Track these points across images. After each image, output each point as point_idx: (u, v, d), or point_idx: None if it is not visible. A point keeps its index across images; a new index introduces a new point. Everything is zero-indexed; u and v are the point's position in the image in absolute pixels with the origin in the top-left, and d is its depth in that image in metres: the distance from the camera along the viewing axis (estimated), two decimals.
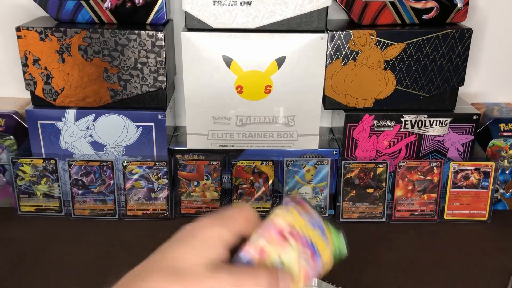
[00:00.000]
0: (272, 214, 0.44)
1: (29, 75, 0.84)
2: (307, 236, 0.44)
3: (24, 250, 0.81)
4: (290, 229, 0.43)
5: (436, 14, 0.84)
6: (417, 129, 0.88)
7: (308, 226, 0.44)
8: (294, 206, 0.45)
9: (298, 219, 0.44)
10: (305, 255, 0.43)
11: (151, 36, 0.81)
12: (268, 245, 0.42)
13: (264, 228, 0.43)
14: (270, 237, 0.43)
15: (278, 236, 0.43)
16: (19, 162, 0.87)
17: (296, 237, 0.43)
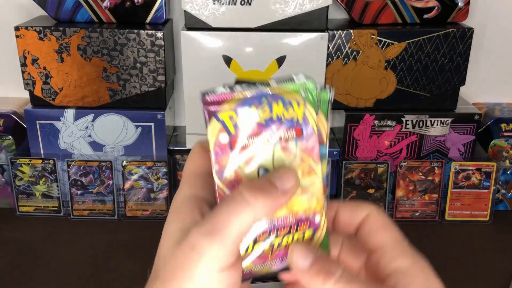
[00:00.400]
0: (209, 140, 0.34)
1: (27, 75, 0.83)
2: (261, 120, 0.33)
3: (23, 251, 0.80)
4: (233, 135, 0.33)
5: (437, 13, 0.84)
6: (418, 129, 0.87)
7: (252, 111, 0.33)
8: (215, 110, 0.33)
9: (230, 114, 0.32)
10: (285, 139, 0.33)
11: (151, 35, 0.80)
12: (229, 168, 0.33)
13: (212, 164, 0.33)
14: (225, 160, 0.33)
15: (230, 150, 0.33)
16: (18, 162, 0.87)
17: (245, 135, 0.33)
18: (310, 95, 0.34)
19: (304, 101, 0.33)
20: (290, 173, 0.33)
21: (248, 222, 0.32)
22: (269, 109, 0.33)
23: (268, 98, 0.33)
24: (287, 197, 0.33)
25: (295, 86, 0.34)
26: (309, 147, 0.34)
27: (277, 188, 0.32)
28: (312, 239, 0.35)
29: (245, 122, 0.32)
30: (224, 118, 0.32)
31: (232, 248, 0.32)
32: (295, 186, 0.33)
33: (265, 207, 0.32)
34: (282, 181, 0.33)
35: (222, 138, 0.32)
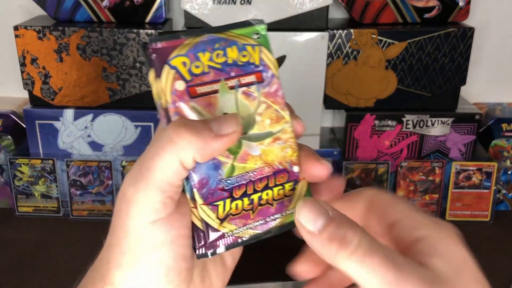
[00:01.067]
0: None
1: (27, 75, 0.83)
2: (216, 65, 0.31)
3: (22, 251, 0.80)
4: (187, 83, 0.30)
5: (437, 13, 0.84)
6: (419, 129, 0.87)
7: (205, 56, 0.31)
8: (166, 57, 0.30)
9: (183, 60, 0.30)
10: (245, 83, 0.32)
11: (150, 35, 0.80)
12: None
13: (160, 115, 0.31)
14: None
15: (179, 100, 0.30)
16: (17, 162, 0.86)
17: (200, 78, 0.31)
18: (263, 39, 0.33)
19: (259, 45, 0.32)
20: (231, 118, 0.30)
21: (172, 162, 0.28)
22: (223, 54, 0.31)
23: (221, 42, 0.31)
24: (221, 143, 0.29)
25: (246, 30, 0.32)
26: (272, 92, 0.33)
27: (209, 130, 0.29)
28: (294, 192, 0.33)
29: (200, 68, 0.31)
30: (177, 64, 0.30)
31: (161, 196, 0.28)
32: (234, 133, 0.29)
33: (191, 147, 0.28)
34: (219, 125, 0.29)
35: (178, 85, 0.30)
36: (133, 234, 0.29)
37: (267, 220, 0.32)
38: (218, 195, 0.31)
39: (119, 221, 0.30)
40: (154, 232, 0.29)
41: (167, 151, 0.28)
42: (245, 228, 0.32)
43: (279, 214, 0.33)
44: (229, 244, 0.32)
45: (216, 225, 0.31)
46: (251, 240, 0.32)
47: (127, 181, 0.30)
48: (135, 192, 0.29)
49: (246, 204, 0.32)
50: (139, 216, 0.29)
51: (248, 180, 0.32)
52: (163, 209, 0.29)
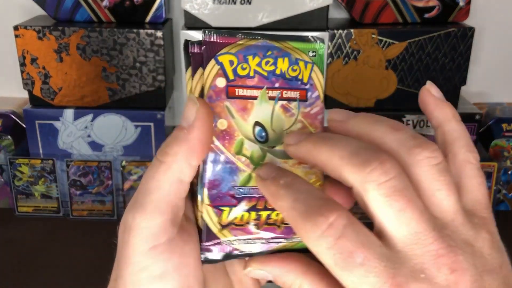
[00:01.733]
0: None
1: (26, 75, 0.83)
2: (263, 72, 0.30)
3: (22, 251, 0.80)
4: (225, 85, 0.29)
5: (438, 13, 0.84)
6: (419, 129, 0.87)
7: (255, 60, 0.30)
8: (216, 51, 0.30)
9: (231, 59, 0.30)
10: (287, 97, 0.30)
11: (150, 35, 0.80)
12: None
13: None
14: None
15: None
16: (17, 162, 0.86)
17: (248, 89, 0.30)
18: (318, 58, 0.31)
19: (312, 63, 0.31)
20: (190, 101, 0.29)
21: (166, 181, 0.28)
22: (273, 62, 0.30)
23: (274, 51, 0.30)
24: (196, 132, 0.28)
25: (303, 45, 0.31)
26: (312, 113, 0.31)
27: (181, 128, 0.28)
28: None
29: (246, 70, 0.30)
30: (224, 61, 0.30)
31: (159, 218, 0.28)
32: (200, 115, 0.28)
33: (177, 156, 0.28)
34: (184, 118, 0.28)
35: (219, 82, 0.30)
36: (135, 263, 0.28)
37: (269, 241, 0.31)
38: (226, 200, 0.30)
39: (121, 252, 0.29)
40: (155, 259, 0.28)
41: (159, 171, 0.28)
42: (244, 241, 0.31)
43: (284, 239, 0.31)
44: (225, 253, 0.30)
45: (216, 230, 0.30)
46: (248, 256, 0.31)
47: (126, 210, 0.29)
48: (134, 219, 0.28)
49: (253, 218, 0.30)
50: (139, 243, 0.28)
51: (261, 194, 0.30)
52: (163, 233, 0.28)
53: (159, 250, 0.28)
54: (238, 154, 0.30)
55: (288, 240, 0.31)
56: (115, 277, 0.29)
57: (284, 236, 0.31)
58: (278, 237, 0.31)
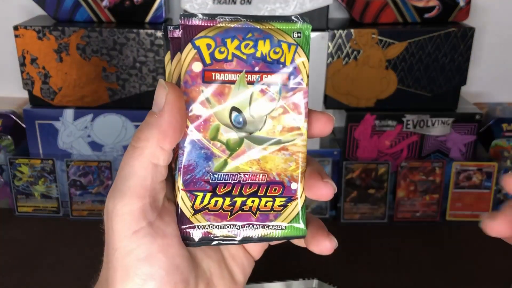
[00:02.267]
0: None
1: (26, 75, 0.83)
2: (242, 55, 0.29)
3: (22, 251, 0.80)
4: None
5: (438, 12, 0.84)
6: (419, 129, 0.87)
7: (233, 43, 0.29)
8: (193, 35, 0.29)
9: (208, 42, 0.29)
10: (267, 82, 0.30)
11: (150, 35, 0.80)
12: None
13: None
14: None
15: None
16: (17, 162, 0.86)
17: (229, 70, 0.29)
18: (304, 39, 0.30)
19: (296, 45, 0.30)
20: (160, 86, 0.29)
21: (141, 166, 0.28)
22: (253, 45, 0.29)
23: (255, 33, 0.29)
24: (166, 116, 0.28)
25: (288, 26, 0.30)
26: (295, 99, 0.30)
27: (152, 114, 0.28)
28: (284, 210, 0.31)
29: (224, 54, 0.29)
30: (201, 45, 0.29)
31: (138, 203, 0.28)
32: (170, 99, 0.28)
33: (148, 142, 0.28)
34: (155, 102, 0.29)
35: (195, 67, 0.29)
36: (120, 248, 0.28)
37: (244, 227, 0.31)
38: (200, 185, 0.30)
39: (107, 238, 0.29)
40: (138, 243, 0.28)
41: (133, 157, 0.28)
42: (218, 227, 0.30)
43: (260, 226, 0.31)
44: (201, 237, 0.30)
45: (189, 215, 0.30)
46: (225, 242, 0.31)
47: (107, 198, 0.29)
48: (114, 205, 0.28)
49: (227, 204, 0.30)
50: (122, 228, 0.28)
51: (236, 181, 0.30)
52: (143, 217, 0.28)
53: (142, 234, 0.28)
54: (214, 140, 0.30)
55: (264, 227, 0.31)
56: (105, 261, 0.30)
57: (260, 222, 0.31)
58: (253, 223, 0.31)
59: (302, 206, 0.31)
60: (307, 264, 0.73)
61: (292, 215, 0.31)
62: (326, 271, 0.73)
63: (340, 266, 0.76)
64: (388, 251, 0.81)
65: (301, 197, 0.31)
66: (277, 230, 0.31)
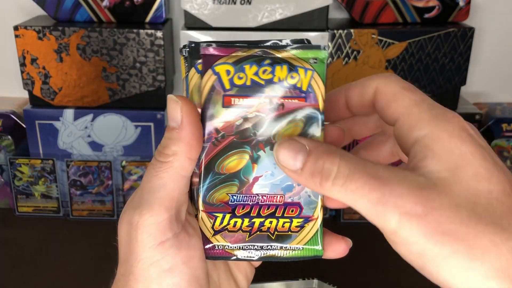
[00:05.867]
0: None
1: (27, 75, 0.83)
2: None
3: (22, 251, 0.80)
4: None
5: (438, 13, 0.84)
6: None
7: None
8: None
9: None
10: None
11: (150, 35, 0.80)
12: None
13: None
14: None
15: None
16: (17, 162, 0.86)
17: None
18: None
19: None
20: (171, 101, 0.29)
21: (170, 178, 0.29)
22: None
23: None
24: (187, 128, 0.29)
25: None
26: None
27: (172, 128, 0.29)
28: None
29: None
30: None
31: (165, 214, 0.29)
32: (186, 111, 0.29)
33: (177, 155, 0.29)
34: (170, 116, 0.30)
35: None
36: (145, 259, 0.29)
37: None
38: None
39: (129, 248, 0.29)
40: (164, 254, 0.29)
41: (162, 170, 0.29)
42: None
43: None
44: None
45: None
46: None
47: (130, 209, 0.30)
48: (140, 216, 0.29)
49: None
50: (148, 238, 0.29)
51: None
52: (169, 228, 0.29)
53: (167, 245, 0.29)
54: None
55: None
56: (124, 272, 0.30)
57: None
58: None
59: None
60: (307, 264, 0.73)
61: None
62: (326, 271, 0.73)
63: (340, 266, 0.76)
64: (388, 251, 0.81)
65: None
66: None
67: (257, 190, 0.31)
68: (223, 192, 0.31)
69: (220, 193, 0.31)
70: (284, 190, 0.31)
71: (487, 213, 0.24)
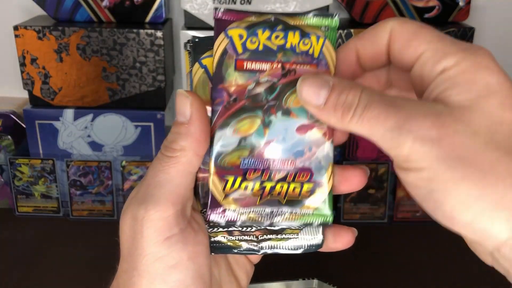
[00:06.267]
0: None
1: (26, 75, 0.83)
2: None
3: (22, 251, 0.80)
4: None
5: (438, 13, 0.84)
6: None
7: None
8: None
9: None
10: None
11: (150, 35, 0.80)
12: None
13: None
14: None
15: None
16: (17, 162, 0.86)
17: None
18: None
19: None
20: (181, 96, 0.29)
21: (177, 173, 0.29)
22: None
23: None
24: (197, 123, 0.29)
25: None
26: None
27: (181, 122, 0.29)
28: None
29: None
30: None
31: (172, 210, 0.29)
32: (195, 107, 0.29)
33: (185, 151, 0.29)
34: (179, 111, 0.29)
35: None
36: (150, 254, 0.28)
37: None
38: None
39: (133, 244, 0.29)
40: (170, 249, 0.28)
41: (169, 165, 0.29)
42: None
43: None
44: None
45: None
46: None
47: (134, 203, 0.29)
48: (146, 211, 0.28)
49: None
50: (154, 234, 0.28)
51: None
52: (176, 224, 0.29)
53: (173, 241, 0.29)
54: None
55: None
56: (127, 268, 0.30)
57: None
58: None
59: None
60: (307, 264, 0.73)
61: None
62: (326, 271, 0.73)
63: (340, 266, 0.76)
64: (388, 251, 0.82)
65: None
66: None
67: (268, 155, 0.31)
68: (235, 155, 0.31)
69: (232, 157, 0.31)
70: (296, 155, 0.31)
71: (507, 142, 0.23)
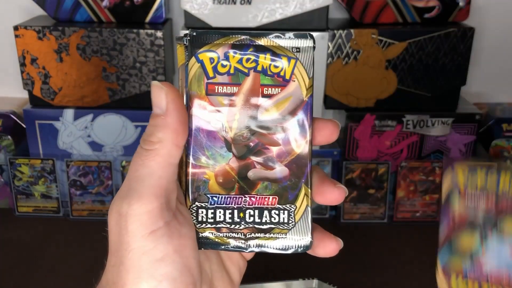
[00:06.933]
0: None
1: (27, 75, 0.83)
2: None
3: (22, 251, 0.80)
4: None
5: (438, 13, 0.84)
6: (419, 129, 0.87)
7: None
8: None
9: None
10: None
11: (150, 35, 0.80)
12: None
13: None
14: None
15: None
16: (17, 162, 0.86)
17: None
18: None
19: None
20: (155, 87, 0.29)
21: (157, 166, 0.29)
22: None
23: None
24: (173, 114, 0.29)
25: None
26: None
27: (157, 114, 0.29)
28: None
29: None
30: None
31: (156, 203, 0.28)
32: (171, 97, 0.29)
33: (163, 142, 0.29)
34: (155, 103, 0.29)
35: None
36: (136, 248, 0.28)
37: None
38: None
39: (119, 239, 0.29)
40: (155, 243, 0.28)
41: (148, 158, 0.29)
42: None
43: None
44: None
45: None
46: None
47: (118, 199, 0.29)
48: (129, 206, 0.28)
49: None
50: (139, 228, 0.28)
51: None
52: (160, 217, 0.29)
53: (159, 234, 0.28)
54: None
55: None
56: (114, 263, 0.29)
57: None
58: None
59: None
60: (307, 264, 0.73)
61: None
62: (326, 271, 0.73)
63: (340, 266, 0.76)
64: (388, 251, 0.82)
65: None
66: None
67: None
68: None
69: None
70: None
71: None
